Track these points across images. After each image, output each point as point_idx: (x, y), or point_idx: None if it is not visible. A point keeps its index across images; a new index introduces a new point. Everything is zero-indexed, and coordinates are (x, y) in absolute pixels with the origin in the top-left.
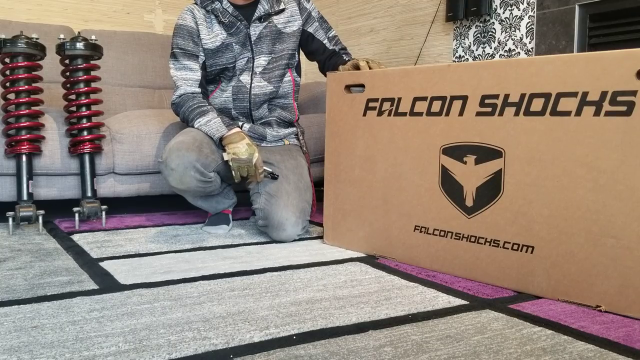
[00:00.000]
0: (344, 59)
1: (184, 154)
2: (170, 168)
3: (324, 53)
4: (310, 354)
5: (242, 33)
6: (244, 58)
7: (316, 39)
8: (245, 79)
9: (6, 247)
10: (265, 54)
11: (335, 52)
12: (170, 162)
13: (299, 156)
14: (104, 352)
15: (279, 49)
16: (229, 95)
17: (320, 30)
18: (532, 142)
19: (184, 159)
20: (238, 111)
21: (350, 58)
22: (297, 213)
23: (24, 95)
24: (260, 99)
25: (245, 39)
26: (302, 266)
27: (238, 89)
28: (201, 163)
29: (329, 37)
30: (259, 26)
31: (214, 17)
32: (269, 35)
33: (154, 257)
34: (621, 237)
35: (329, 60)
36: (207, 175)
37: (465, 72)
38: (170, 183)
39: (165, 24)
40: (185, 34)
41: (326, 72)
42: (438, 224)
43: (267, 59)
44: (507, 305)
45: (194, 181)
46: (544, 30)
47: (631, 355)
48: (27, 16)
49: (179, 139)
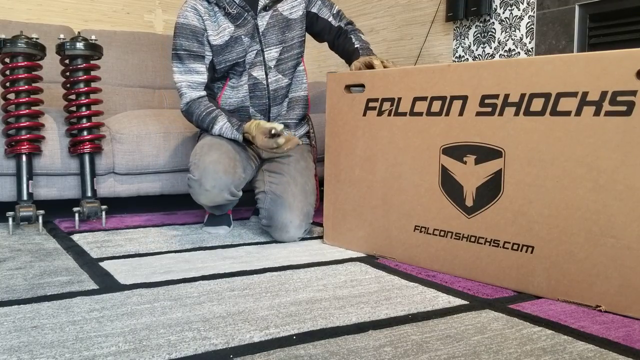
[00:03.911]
0: (354, 44)
1: (221, 176)
2: (204, 189)
3: (331, 31)
4: (310, 354)
5: (249, 24)
6: (253, 51)
7: (321, 18)
8: (259, 75)
9: (6, 247)
10: (275, 45)
11: (342, 28)
12: (206, 183)
13: (309, 158)
14: (104, 352)
15: (289, 37)
16: (245, 92)
17: (324, 8)
18: (532, 142)
19: (220, 181)
20: (256, 108)
21: (360, 40)
22: (301, 216)
23: (24, 95)
24: (279, 93)
25: (254, 30)
26: (302, 266)
27: (254, 86)
28: (235, 185)
29: (333, 14)
30: (265, 16)
31: (218, 9)
32: (276, 24)
33: (154, 257)
34: (621, 237)
35: (338, 39)
36: (237, 195)
37: (465, 72)
38: (200, 200)
39: (165, 24)
40: (189, 33)
41: (339, 54)
42: (438, 224)
43: (278, 49)
44: (507, 305)
45: (224, 200)
46: (544, 30)
47: (631, 355)
48: (27, 16)
49: (213, 157)
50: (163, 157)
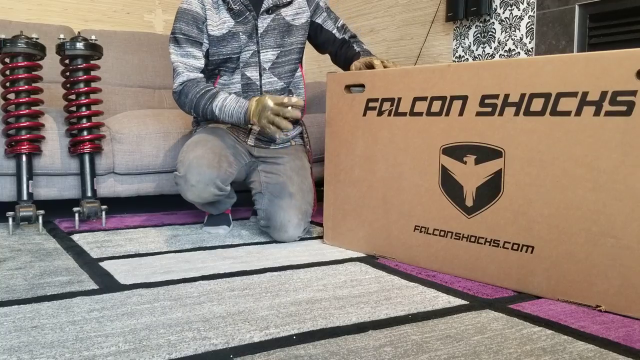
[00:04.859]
0: (356, 50)
1: (205, 170)
2: (190, 184)
3: (335, 43)
4: (310, 354)
5: (249, 24)
6: (249, 51)
7: (325, 30)
8: (253, 75)
9: (6, 247)
10: (272, 48)
11: (346, 40)
12: (191, 178)
13: (304, 157)
14: (104, 352)
15: (288, 43)
16: (238, 91)
17: (328, 21)
18: (532, 142)
19: (205, 176)
20: None
21: (362, 48)
22: (300, 215)
23: (24, 95)
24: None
25: (252, 30)
26: (302, 266)
27: (247, 86)
28: (221, 179)
29: (337, 26)
30: (266, 18)
31: (222, 3)
32: (276, 28)
33: (154, 257)
34: (621, 237)
35: (341, 50)
36: (224, 190)
37: (465, 72)
38: (187, 197)
39: (165, 24)
40: (190, 19)
41: (340, 64)
42: (438, 224)
43: (275, 53)
44: (507, 305)
45: (212, 196)
46: (544, 30)
47: (631, 355)
48: (27, 16)
49: (197, 153)
50: (163, 157)
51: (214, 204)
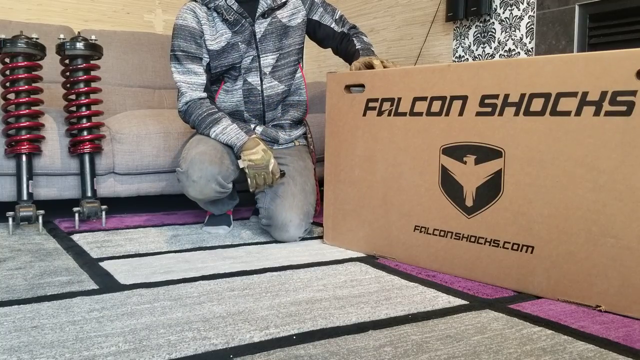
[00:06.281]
0: (356, 47)
1: (207, 166)
2: (192, 180)
3: (335, 37)
4: (310, 354)
5: (247, 31)
6: (249, 57)
7: (323, 25)
8: (254, 81)
9: (6, 247)
10: (272, 51)
11: (345, 34)
12: (192, 174)
13: (307, 158)
14: (104, 352)
15: (286, 44)
16: (240, 97)
17: (326, 15)
18: (532, 142)
19: (207, 171)
20: (251, 114)
21: (362, 42)
22: (301, 215)
23: (24, 95)
24: (273, 99)
25: (251, 37)
26: (302, 266)
27: (249, 91)
28: (222, 175)
29: (335, 20)
30: (263, 23)
31: (216, 14)
32: (274, 31)
33: (154, 257)
34: (621, 237)
35: (341, 44)
36: (226, 187)
37: (465, 72)
38: (189, 193)
39: (165, 24)
40: (187, 35)
41: (342, 58)
42: (438, 224)
43: (275, 56)
44: (507, 305)
45: (214, 192)
46: (544, 30)
47: (631, 355)
48: (27, 16)
49: (200, 149)
50: (163, 157)
51: (215, 203)
